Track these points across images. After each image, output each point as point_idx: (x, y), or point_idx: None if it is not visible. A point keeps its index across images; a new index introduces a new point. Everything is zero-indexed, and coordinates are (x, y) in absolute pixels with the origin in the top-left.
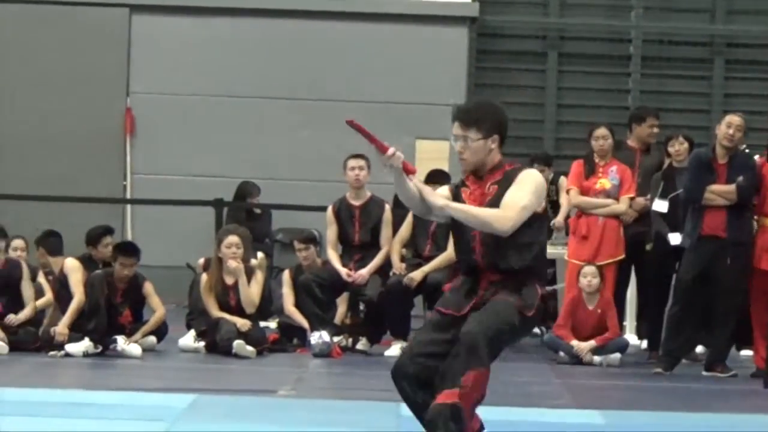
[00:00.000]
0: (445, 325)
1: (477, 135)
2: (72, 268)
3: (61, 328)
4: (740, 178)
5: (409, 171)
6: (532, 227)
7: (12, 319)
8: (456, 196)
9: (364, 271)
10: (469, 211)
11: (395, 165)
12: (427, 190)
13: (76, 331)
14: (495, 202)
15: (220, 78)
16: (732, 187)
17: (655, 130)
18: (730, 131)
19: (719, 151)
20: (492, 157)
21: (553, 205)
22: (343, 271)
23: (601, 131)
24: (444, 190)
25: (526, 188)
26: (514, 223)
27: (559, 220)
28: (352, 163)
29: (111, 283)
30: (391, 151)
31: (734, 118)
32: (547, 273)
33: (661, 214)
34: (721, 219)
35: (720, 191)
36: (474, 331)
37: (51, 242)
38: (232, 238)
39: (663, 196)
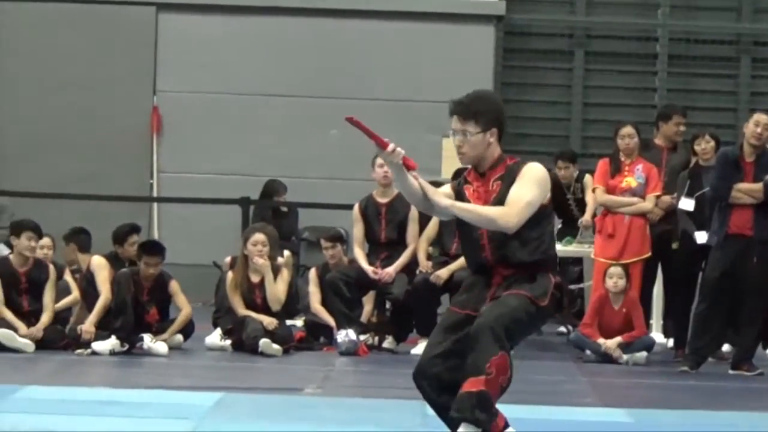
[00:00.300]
0: (460, 323)
1: (475, 129)
2: (99, 265)
3: (88, 326)
4: (767, 177)
5: (409, 167)
6: (538, 220)
7: (33, 332)
8: (459, 194)
9: (391, 270)
10: (474, 210)
11: (395, 161)
12: (431, 190)
13: (103, 329)
14: (500, 200)
15: (246, 76)
16: (759, 185)
17: (682, 128)
18: (758, 129)
19: (747, 150)
20: (492, 152)
21: (579, 202)
22: (370, 269)
23: (627, 130)
24: (446, 188)
25: (530, 183)
26: (519, 219)
27: (586, 218)
28: (380, 160)
29: (137, 282)
30: (390, 147)
31: (762, 117)
32: (557, 261)
33: (688, 213)
34: (748, 217)
35: (747, 189)
36: (488, 321)
37: (81, 239)
38: (258, 236)
39: (689, 195)
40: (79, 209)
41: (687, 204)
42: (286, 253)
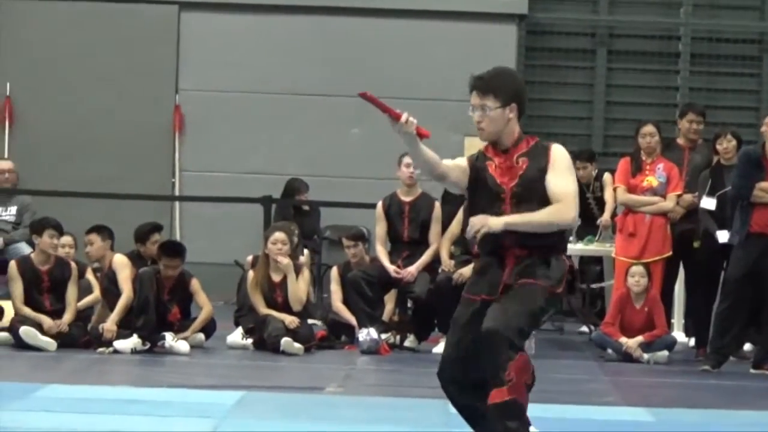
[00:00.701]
0: (476, 313)
1: (495, 103)
2: (121, 264)
3: (110, 324)
4: None
5: (422, 135)
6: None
7: (58, 323)
8: (478, 170)
9: (413, 269)
10: (532, 219)
11: (409, 131)
12: (481, 220)
13: (125, 328)
14: (528, 177)
15: (268, 75)
16: None
17: (695, 125)
18: None
19: None
20: (512, 128)
21: (598, 201)
22: (391, 268)
23: (648, 128)
24: (461, 160)
25: (567, 172)
26: (575, 211)
27: (606, 218)
28: (407, 160)
29: (159, 280)
30: (404, 117)
31: None
32: (567, 244)
33: (709, 212)
34: None
35: None
36: (499, 325)
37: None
38: (279, 235)
39: (711, 194)
40: (101, 208)
41: (709, 203)
42: (305, 251)
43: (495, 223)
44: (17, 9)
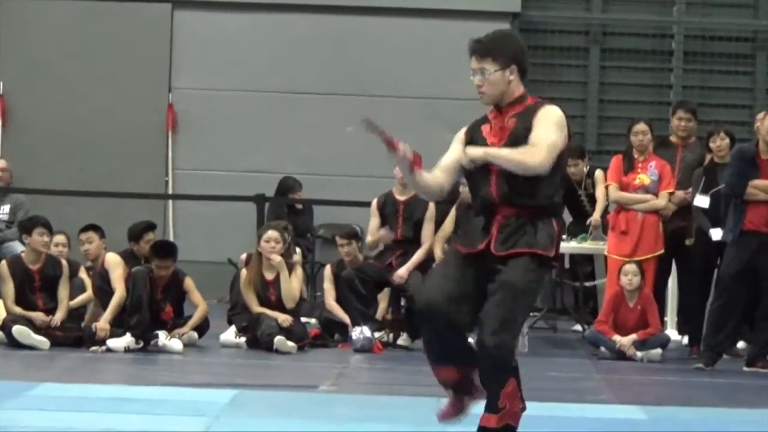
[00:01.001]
0: (470, 261)
1: (494, 66)
2: (113, 263)
3: (103, 323)
4: None
5: (416, 165)
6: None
7: (51, 319)
8: (474, 132)
9: (403, 271)
10: (502, 153)
11: (405, 162)
12: (458, 154)
13: (118, 326)
14: (515, 135)
15: (261, 74)
16: None
17: (684, 123)
18: None
19: (762, 147)
20: (512, 89)
21: (590, 198)
22: (377, 234)
23: (640, 126)
24: (448, 157)
25: (549, 124)
26: (543, 158)
27: (595, 217)
28: None
29: (152, 279)
30: (401, 148)
31: None
32: (562, 211)
33: (703, 210)
34: (764, 214)
35: (763, 186)
36: (489, 343)
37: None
38: (271, 233)
39: (704, 192)
40: (95, 206)
41: (702, 201)
42: (297, 250)
43: (474, 152)
44: (10, 8)
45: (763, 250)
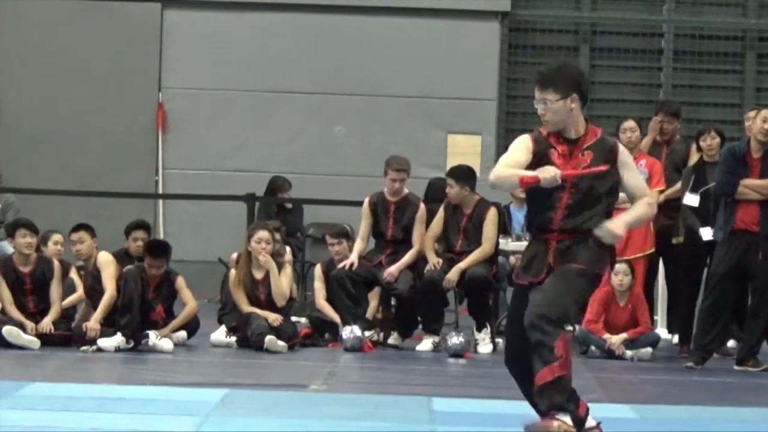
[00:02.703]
0: (525, 298)
1: (554, 96)
2: (105, 262)
3: (93, 323)
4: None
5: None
6: (613, 196)
7: (42, 326)
8: (542, 155)
9: (393, 269)
10: (639, 215)
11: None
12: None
13: (108, 326)
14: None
15: (251, 73)
16: (766, 181)
17: (665, 125)
18: (766, 126)
19: (754, 146)
20: (575, 117)
21: None
22: (349, 262)
23: (629, 124)
24: (521, 153)
25: (634, 167)
26: (655, 202)
27: None
28: (393, 175)
29: (144, 279)
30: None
31: None
32: None
33: (692, 208)
34: (754, 213)
35: (754, 185)
36: (541, 309)
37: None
38: (262, 233)
39: (694, 190)
40: (85, 206)
41: (692, 199)
42: (287, 249)
43: (616, 228)
44: None
45: (753, 249)
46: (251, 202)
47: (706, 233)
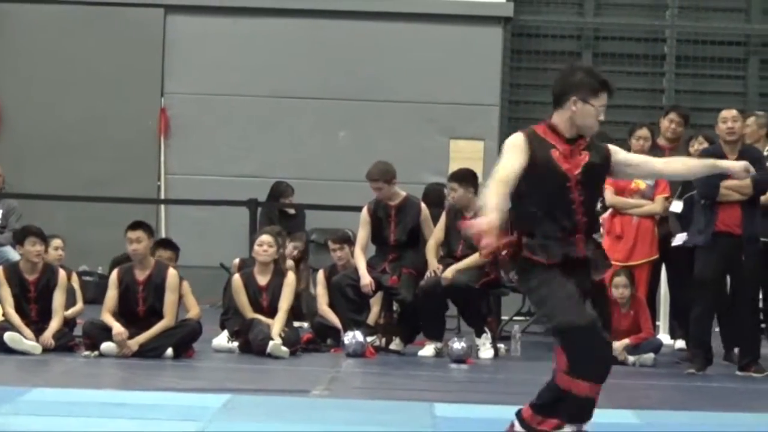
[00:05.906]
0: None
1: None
2: (173, 285)
3: (134, 344)
4: (754, 172)
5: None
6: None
7: (44, 341)
8: (543, 156)
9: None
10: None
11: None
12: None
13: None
14: (591, 167)
15: (254, 78)
16: (747, 181)
17: (674, 126)
18: (728, 125)
19: (726, 148)
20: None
21: None
22: (366, 281)
23: (643, 132)
24: (517, 158)
25: None
26: None
27: None
28: (371, 185)
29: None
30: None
31: (726, 112)
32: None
33: (676, 215)
34: (736, 215)
35: (735, 186)
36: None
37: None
38: (264, 237)
39: (680, 197)
40: (87, 211)
41: (675, 206)
42: (290, 244)
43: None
44: (3, 13)
45: (736, 252)
46: (253, 208)
47: (679, 239)
